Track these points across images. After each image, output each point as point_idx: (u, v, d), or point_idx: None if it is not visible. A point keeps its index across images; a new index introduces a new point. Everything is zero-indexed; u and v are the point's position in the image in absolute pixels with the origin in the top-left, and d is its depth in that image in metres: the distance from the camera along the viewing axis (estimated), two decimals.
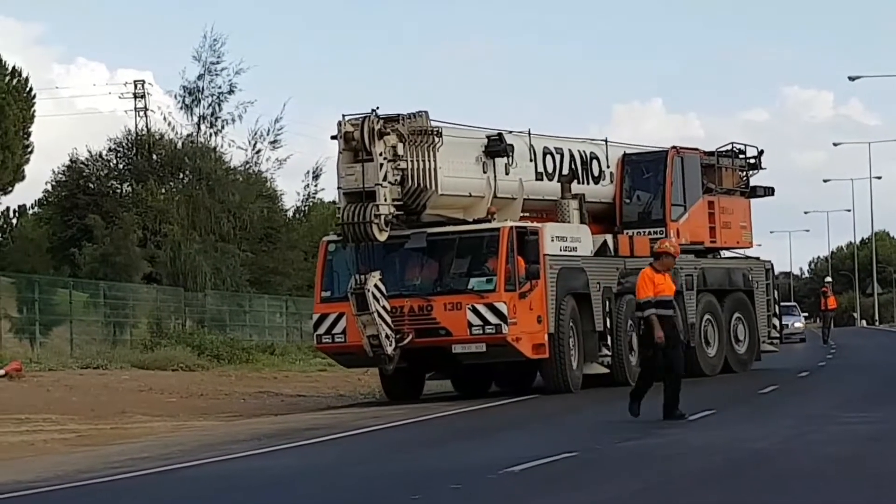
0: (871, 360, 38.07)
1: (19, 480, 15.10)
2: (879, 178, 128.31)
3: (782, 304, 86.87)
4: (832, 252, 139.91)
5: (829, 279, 74.52)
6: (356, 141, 23.69)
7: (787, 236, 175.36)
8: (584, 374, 26.14)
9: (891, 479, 12.06)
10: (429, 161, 24.50)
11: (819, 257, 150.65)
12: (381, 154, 23.59)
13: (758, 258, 33.81)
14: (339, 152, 24.25)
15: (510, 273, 24.14)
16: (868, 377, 29.55)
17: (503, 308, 23.90)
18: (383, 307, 23.54)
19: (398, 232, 24.24)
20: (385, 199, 23.61)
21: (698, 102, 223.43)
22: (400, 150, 24.01)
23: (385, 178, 23.64)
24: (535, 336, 24.47)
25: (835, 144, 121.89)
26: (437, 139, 24.67)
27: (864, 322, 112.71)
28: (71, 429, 22.15)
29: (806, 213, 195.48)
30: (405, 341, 23.91)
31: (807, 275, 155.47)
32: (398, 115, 24.32)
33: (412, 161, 24.32)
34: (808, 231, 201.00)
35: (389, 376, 25.57)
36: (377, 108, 23.88)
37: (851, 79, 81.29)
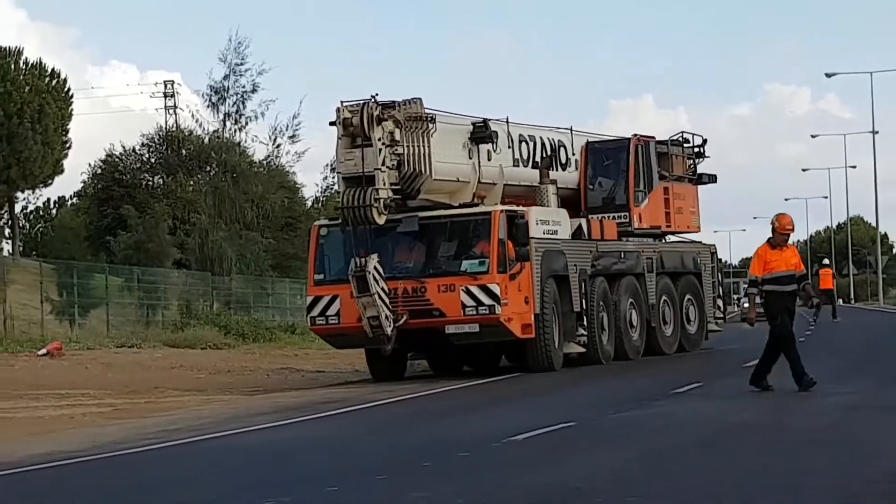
0: (846, 336, 38.01)
1: (60, 451, 15.13)
2: (854, 167, 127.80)
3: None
4: (811, 236, 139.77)
5: (826, 261, 74.30)
6: (354, 127, 22.98)
7: (769, 223, 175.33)
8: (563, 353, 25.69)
9: (864, 446, 12.10)
10: (423, 146, 23.91)
11: (798, 241, 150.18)
12: (379, 139, 22.94)
13: (702, 242, 33.55)
14: (339, 138, 23.53)
15: (502, 255, 23.56)
16: (843, 353, 29.49)
17: (496, 289, 23.33)
18: (382, 289, 22.91)
19: (390, 216, 23.60)
20: (384, 184, 22.96)
21: (687, 98, 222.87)
22: (397, 136, 23.33)
23: (383, 163, 23.00)
24: (523, 316, 23.94)
25: (813, 136, 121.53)
26: (430, 125, 24.09)
27: (840, 300, 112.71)
28: (107, 403, 22.16)
29: (786, 199, 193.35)
30: (400, 322, 23.19)
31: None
32: (394, 101, 23.65)
33: (408, 146, 23.66)
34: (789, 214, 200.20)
35: (375, 357, 25.02)
36: (376, 94, 23.28)
37: (828, 75, 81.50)
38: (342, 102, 23.23)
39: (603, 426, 15.42)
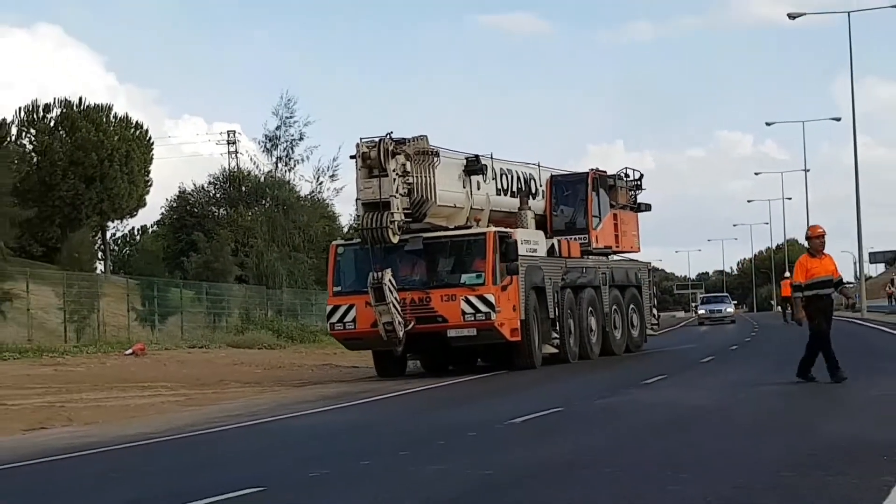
0: (783, 337, 37.91)
1: (144, 432, 15.15)
2: (790, 199, 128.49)
3: (717, 294, 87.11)
4: (755, 255, 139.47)
5: (787, 274, 74.11)
6: (371, 160, 22.34)
7: (720, 243, 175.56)
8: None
9: (795, 426, 12.07)
10: (429, 177, 23.41)
11: (745, 259, 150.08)
12: (393, 170, 22.35)
13: (640, 261, 33.07)
14: (357, 169, 22.89)
15: (495, 270, 23.08)
16: (780, 351, 29.39)
17: (492, 299, 22.85)
18: (395, 298, 22.37)
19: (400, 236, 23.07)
20: (398, 208, 22.42)
21: (651, 143, 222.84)
22: (408, 168, 22.79)
23: (397, 191, 22.43)
24: (512, 322, 23.43)
25: (756, 174, 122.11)
26: (435, 159, 23.67)
27: (778, 308, 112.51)
28: (181, 393, 22.18)
29: (734, 225, 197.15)
30: (408, 327, 22.63)
31: (735, 272, 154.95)
32: (404, 138, 23.09)
33: (417, 176, 23.12)
34: (736, 239, 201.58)
35: (381, 357, 24.53)
36: (391, 132, 22.72)
37: (768, 124, 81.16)
38: (361, 139, 22.77)
39: (587, 410, 15.38)
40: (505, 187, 26.67)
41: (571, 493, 8.60)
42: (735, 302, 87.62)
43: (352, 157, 23.15)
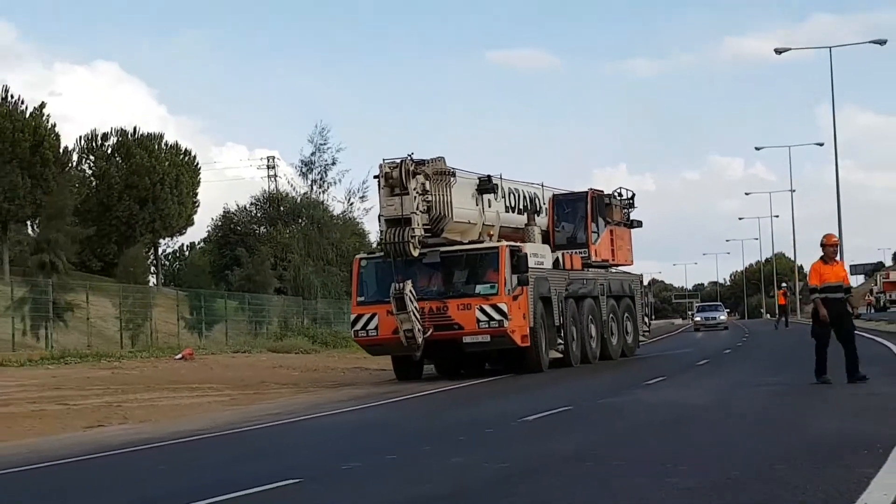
0: (772, 342, 37.85)
1: (192, 429, 15.17)
2: (777, 216, 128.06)
3: (712, 302, 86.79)
4: (745, 268, 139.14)
5: (784, 285, 73.86)
6: (393, 179, 21.97)
7: (714, 257, 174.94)
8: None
9: (785, 423, 12.01)
10: (447, 195, 23.08)
11: (736, 271, 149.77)
12: (414, 189, 22.03)
13: (633, 273, 32.67)
14: (380, 188, 22.50)
15: (507, 281, 22.81)
16: (770, 354, 29.36)
17: (505, 308, 22.55)
18: (415, 307, 22.04)
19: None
20: (418, 224, 22.10)
21: (651, 166, 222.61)
22: (427, 186, 22.48)
23: (417, 208, 22.09)
24: (522, 329, 23.15)
25: (746, 194, 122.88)
26: (451, 178, 23.34)
27: (768, 315, 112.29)
28: (226, 394, 22.20)
29: (727, 241, 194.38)
30: (427, 334, 22.34)
31: (728, 283, 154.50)
32: (424, 159, 22.73)
33: (435, 195, 22.77)
34: (728, 253, 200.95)
35: (400, 362, 24.21)
36: (412, 153, 22.41)
37: (757, 149, 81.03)
38: (384, 160, 22.46)
39: (593, 409, 15.33)
40: (513, 205, 26.48)
41: (579, 484, 8.57)
42: (728, 310, 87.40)
43: (375, 176, 22.84)
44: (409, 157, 22.15)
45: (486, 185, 24.78)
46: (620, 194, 31.27)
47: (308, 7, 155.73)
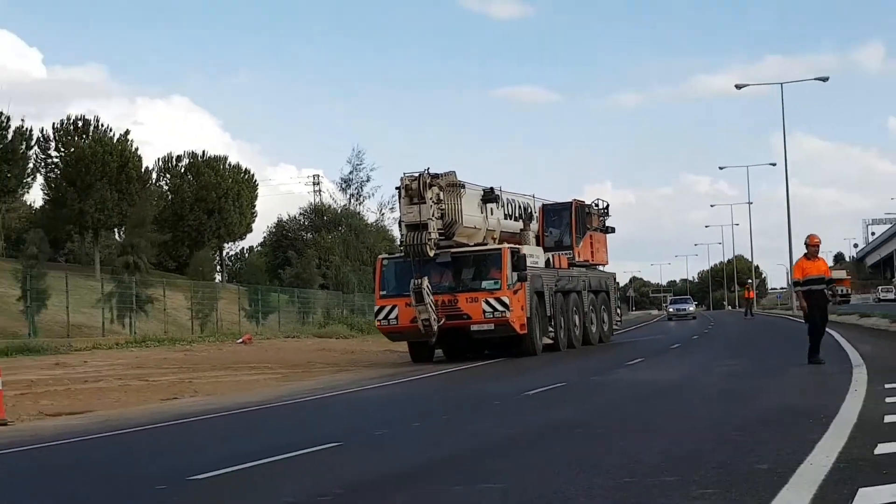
0: (733, 330, 37.69)
1: (251, 402, 15.21)
2: (738, 224, 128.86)
3: (683, 296, 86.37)
4: (711, 267, 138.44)
5: (750, 281, 73.29)
6: (413, 190, 21.36)
7: (685, 258, 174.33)
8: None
9: (743, 398, 11.96)
10: (457, 204, 22.57)
11: (704, 270, 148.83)
12: (430, 198, 21.57)
13: (607, 272, 31.55)
14: (401, 198, 21.85)
15: (509, 277, 22.45)
16: (730, 340, 29.23)
17: (507, 300, 22.20)
18: (431, 300, 21.72)
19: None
20: (433, 229, 21.65)
21: (632, 183, 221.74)
22: (441, 197, 21.95)
23: (433, 215, 21.62)
24: (520, 318, 22.76)
25: (711, 206, 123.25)
26: (462, 190, 22.82)
27: (730, 307, 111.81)
28: (279, 372, 22.23)
29: (696, 245, 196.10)
30: (440, 323, 21.95)
31: (696, 280, 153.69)
32: (438, 173, 22.15)
33: (447, 203, 22.26)
34: (696, 255, 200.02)
35: (416, 347, 23.73)
36: (428, 168, 21.89)
37: (721, 168, 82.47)
38: (404, 174, 21.93)
39: (584, 385, 15.32)
40: (511, 213, 25.98)
41: (574, 445, 8.62)
42: (696, 302, 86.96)
43: (397, 188, 22.33)
44: (425, 171, 21.72)
45: (489, 196, 24.39)
46: (598, 204, 30.73)
47: (346, 51, 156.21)
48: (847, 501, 5.63)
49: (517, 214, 26.39)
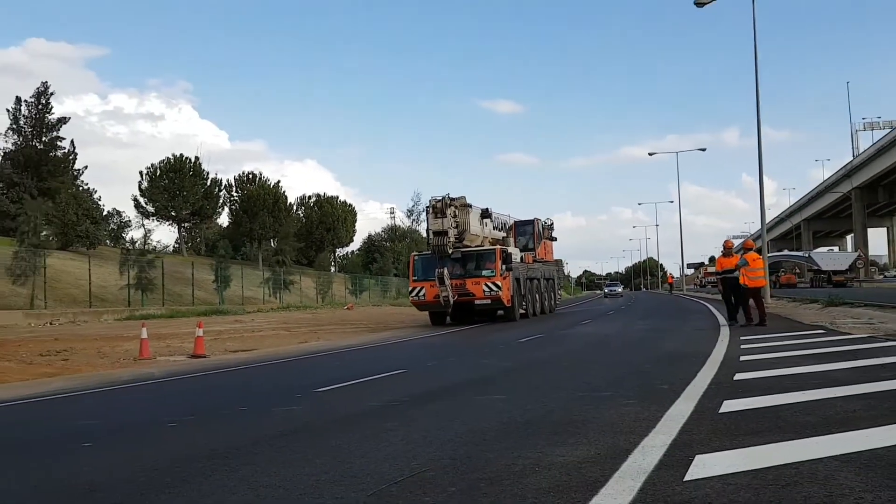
0: (646, 304, 37.18)
1: (351, 345, 15.16)
2: (650, 238, 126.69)
3: (614, 281, 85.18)
4: (633, 264, 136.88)
5: (671, 273, 71.94)
6: (437, 209, 20.54)
7: (617, 258, 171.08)
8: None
9: (652, 345, 11.74)
10: (466, 218, 21.46)
11: (629, 266, 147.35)
12: (449, 214, 20.62)
13: (552, 265, 29.44)
14: (429, 213, 20.95)
15: (500, 269, 21.42)
16: (644, 310, 28.80)
17: (499, 283, 21.18)
18: (449, 284, 20.55)
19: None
20: (451, 235, 20.64)
21: (584, 212, 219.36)
22: (456, 213, 20.96)
23: (451, 226, 20.65)
24: (507, 296, 21.56)
25: (633, 227, 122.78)
26: (469, 209, 21.73)
27: (644, 289, 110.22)
28: (369, 327, 22.05)
29: (623, 250, 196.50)
30: (455, 299, 20.89)
31: (624, 272, 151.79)
32: (454, 197, 21.04)
33: (460, 218, 21.21)
34: (624, 256, 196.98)
35: (434, 314, 22.11)
36: (448, 193, 20.77)
37: (639, 204, 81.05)
38: (432, 197, 20.96)
39: (556, 336, 15.06)
40: (497, 226, 24.88)
41: (551, 373, 8.54)
42: (623, 286, 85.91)
43: (426, 207, 21.33)
44: (446, 196, 20.97)
45: (486, 213, 23.40)
46: (548, 222, 29.74)
47: (409, 134, 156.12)
48: (717, 408, 5.58)
49: (500, 226, 25.53)
